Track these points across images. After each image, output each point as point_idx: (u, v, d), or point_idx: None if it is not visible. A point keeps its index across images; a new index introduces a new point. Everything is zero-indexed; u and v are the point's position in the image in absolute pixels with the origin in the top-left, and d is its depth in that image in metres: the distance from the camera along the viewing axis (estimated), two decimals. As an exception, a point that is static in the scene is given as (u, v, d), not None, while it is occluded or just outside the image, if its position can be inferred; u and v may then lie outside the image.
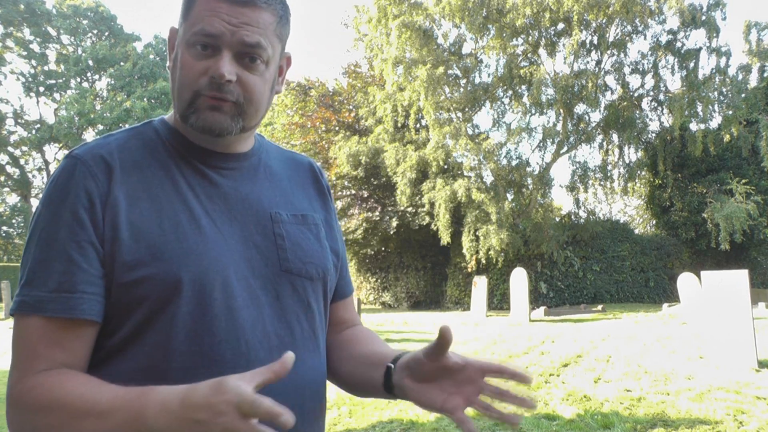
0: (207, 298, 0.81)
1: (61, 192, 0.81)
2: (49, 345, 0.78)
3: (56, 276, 0.78)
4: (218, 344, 0.81)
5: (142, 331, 0.80)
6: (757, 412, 4.34)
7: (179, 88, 0.85)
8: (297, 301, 0.91)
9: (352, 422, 4.42)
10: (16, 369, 0.78)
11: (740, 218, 15.88)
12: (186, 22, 0.84)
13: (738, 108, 16.46)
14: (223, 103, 0.84)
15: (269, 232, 0.91)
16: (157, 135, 0.90)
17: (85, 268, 0.79)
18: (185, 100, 0.85)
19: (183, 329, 0.80)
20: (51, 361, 0.77)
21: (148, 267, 0.80)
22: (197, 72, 0.83)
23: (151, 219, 0.82)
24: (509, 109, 18.54)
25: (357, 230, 18.04)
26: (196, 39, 0.82)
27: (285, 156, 1.05)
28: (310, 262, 0.93)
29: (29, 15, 34.14)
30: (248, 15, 0.82)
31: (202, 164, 0.90)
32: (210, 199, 0.88)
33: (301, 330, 0.91)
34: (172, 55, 0.89)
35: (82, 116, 32.39)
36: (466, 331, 9.77)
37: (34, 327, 0.78)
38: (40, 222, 0.82)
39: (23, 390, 0.76)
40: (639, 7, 15.77)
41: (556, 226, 17.59)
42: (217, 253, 0.84)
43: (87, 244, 0.79)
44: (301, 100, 20.76)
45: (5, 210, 35.51)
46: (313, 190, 1.04)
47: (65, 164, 0.84)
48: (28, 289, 0.79)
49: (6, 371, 7.13)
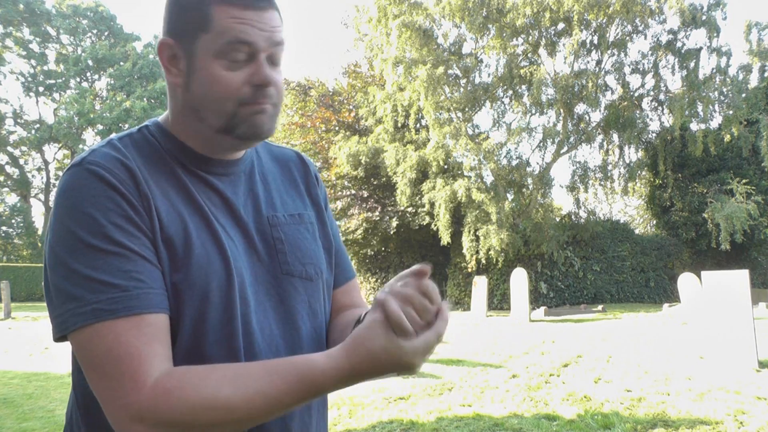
0: (232, 305, 0.82)
1: (94, 198, 0.77)
2: (149, 342, 0.73)
3: (128, 275, 0.74)
4: (238, 350, 0.82)
5: (175, 338, 0.79)
6: (758, 412, 4.33)
7: (214, 102, 0.83)
8: (300, 302, 0.92)
9: (352, 422, 4.41)
10: (126, 376, 0.70)
11: (740, 218, 15.89)
12: (207, 34, 0.82)
13: (738, 108, 16.45)
14: (265, 106, 0.85)
15: (268, 236, 0.91)
16: (156, 142, 0.89)
17: (153, 264, 0.77)
18: (227, 113, 0.83)
19: (212, 335, 0.81)
20: (159, 356, 0.73)
21: (179, 273, 0.79)
22: (238, 82, 0.82)
23: (177, 225, 0.81)
24: (509, 109, 18.55)
25: (357, 230, 18.04)
26: (231, 48, 0.81)
27: (273, 153, 1.05)
28: (309, 263, 0.94)
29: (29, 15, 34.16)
30: (270, 18, 0.84)
31: (203, 171, 0.89)
32: (215, 206, 0.88)
33: (306, 331, 0.92)
34: (175, 70, 0.86)
35: (81, 116, 32.40)
36: (466, 331, 9.76)
37: (125, 328, 0.72)
38: (75, 231, 0.75)
39: (155, 392, 0.70)
40: (639, 7, 15.77)
41: (557, 226, 17.58)
42: (234, 260, 0.84)
43: (145, 243, 0.78)
44: (301, 100, 20.75)
45: (5, 210, 35.48)
46: (304, 185, 1.05)
47: (83, 172, 0.78)
48: (96, 296, 0.72)
49: (5, 371, 7.12)
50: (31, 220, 35.20)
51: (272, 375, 0.72)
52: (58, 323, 0.75)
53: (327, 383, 0.72)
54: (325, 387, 0.72)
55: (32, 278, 26.44)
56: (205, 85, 0.83)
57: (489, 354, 7.34)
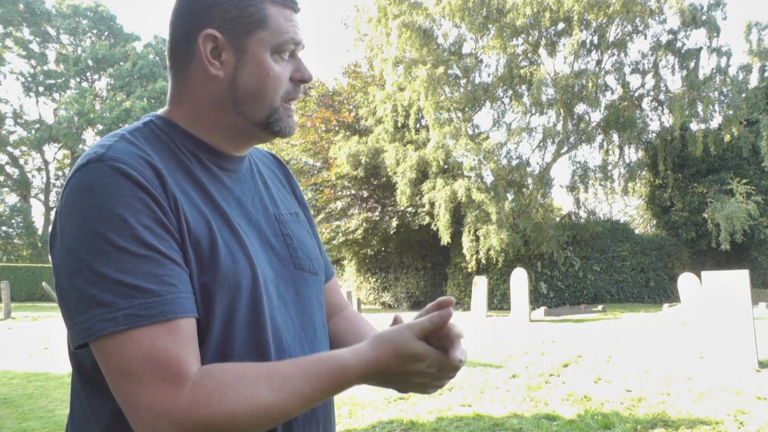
0: (259, 302, 0.83)
1: (122, 197, 0.73)
2: (186, 346, 0.72)
3: (160, 279, 0.72)
4: (267, 345, 0.83)
5: (205, 338, 0.78)
6: (758, 412, 4.33)
7: (265, 95, 0.88)
8: (312, 296, 0.95)
9: (352, 422, 4.41)
10: (166, 382, 0.69)
11: (740, 218, 15.89)
12: (265, 31, 0.86)
13: (738, 108, 16.46)
14: (293, 107, 0.93)
15: (278, 232, 0.94)
16: (166, 136, 0.87)
17: (182, 267, 0.76)
18: (272, 106, 0.89)
19: (240, 333, 0.81)
20: (195, 360, 0.73)
21: (206, 274, 0.78)
22: (285, 78, 0.89)
23: (202, 225, 0.80)
24: (509, 109, 18.55)
25: (357, 230, 18.03)
26: (287, 47, 0.88)
27: (262, 154, 1.08)
28: (314, 258, 0.98)
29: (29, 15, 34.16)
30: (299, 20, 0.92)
31: (213, 164, 0.89)
32: (229, 204, 0.88)
33: (319, 321, 0.96)
34: (218, 63, 0.85)
35: (81, 116, 32.40)
36: (466, 331, 9.76)
37: (160, 334, 0.70)
38: (103, 233, 0.71)
39: (196, 395, 0.69)
40: (639, 7, 15.77)
41: (557, 226, 17.58)
42: (256, 257, 0.85)
43: (174, 246, 0.76)
44: (301, 100, 20.66)
45: (5, 210, 35.49)
46: (288, 185, 1.08)
47: (106, 169, 0.74)
48: (128, 301, 0.70)
49: (5, 371, 7.12)
50: (31, 220, 35.22)
51: (306, 374, 0.75)
52: (82, 329, 0.70)
53: (354, 377, 0.77)
54: (352, 381, 0.77)
55: (32, 278, 26.40)
56: (257, 77, 0.87)
57: (489, 354, 7.34)
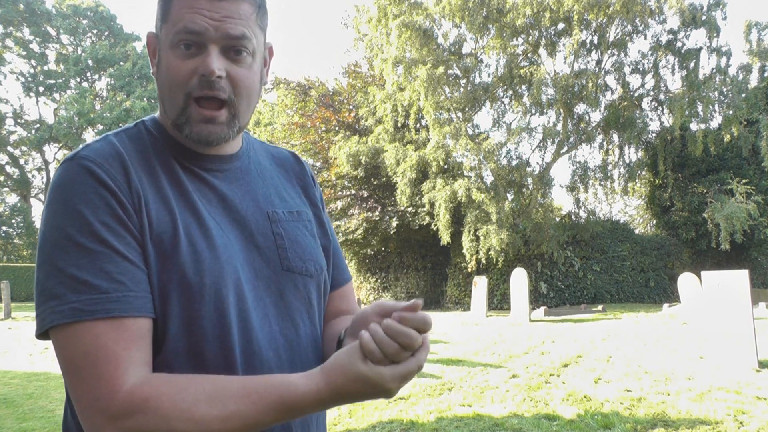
0: (224, 302, 0.81)
1: (84, 194, 0.75)
2: (127, 346, 0.72)
3: (110, 276, 0.73)
4: (232, 348, 0.81)
5: (164, 337, 0.78)
6: (758, 412, 4.33)
7: (169, 92, 0.83)
8: (299, 298, 0.91)
9: (352, 422, 4.41)
10: (102, 379, 0.69)
11: (740, 218, 15.87)
12: (166, 24, 0.83)
13: (738, 108, 16.45)
14: (216, 114, 0.83)
15: (268, 232, 0.91)
16: (151, 137, 0.88)
17: (137, 266, 0.76)
18: (177, 106, 0.83)
19: (203, 334, 0.80)
20: (136, 362, 0.72)
21: (167, 272, 0.78)
22: (186, 73, 0.81)
23: (167, 222, 0.80)
24: (509, 109, 18.54)
25: (357, 230, 18.02)
26: (180, 38, 0.81)
27: (270, 152, 1.05)
28: (309, 260, 0.94)
29: (29, 15, 34.14)
30: (229, 8, 0.81)
31: (198, 167, 0.88)
32: (210, 203, 0.87)
33: (305, 327, 0.91)
34: (154, 61, 0.87)
35: (81, 116, 32.38)
36: (466, 331, 9.75)
37: (103, 331, 0.71)
38: (64, 228, 0.74)
39: (131, 398, 0.69)
40: (639, 7, 15.76)
41: (557, 226, 17.57)
42: (227, 256, 0.83)
43: (131, 243, 0.76)
44: (301, 99, 20.74)
45: (5, 210, 35.48)
46: (300, 184, 1.05)
47: (76, 167, 0.77)
48: (76, 295, 0.71)
49: (5, 371, 7.12)
50: (31, 220, 35.20)
51: (251, 395, 0.71)
52: (39, 320, 0.74)
53: (306, 405, 0.72)
54: (305, 409, 0.73)
55: (32, 278, 26.40)
56: (163, 75, 0.84)
57: (489, 354, 7.34)
